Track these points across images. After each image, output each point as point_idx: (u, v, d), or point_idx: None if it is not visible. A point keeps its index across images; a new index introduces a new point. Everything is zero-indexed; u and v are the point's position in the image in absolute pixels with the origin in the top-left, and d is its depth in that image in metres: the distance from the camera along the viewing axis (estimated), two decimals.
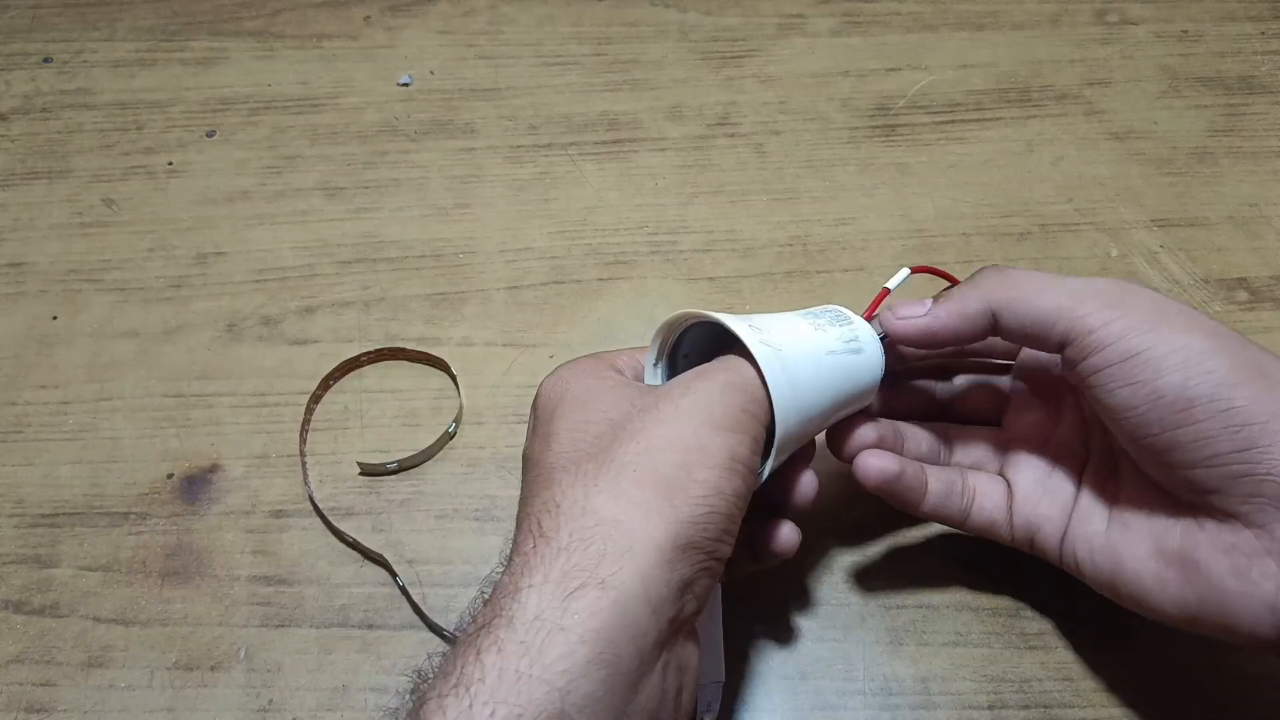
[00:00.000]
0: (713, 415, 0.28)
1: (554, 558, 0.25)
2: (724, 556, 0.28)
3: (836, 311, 0.35)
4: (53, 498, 0.43)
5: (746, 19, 0.62)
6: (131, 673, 0.38)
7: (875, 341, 0.35)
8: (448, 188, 0.54)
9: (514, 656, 0.23)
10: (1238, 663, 0.37)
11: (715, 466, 0.27)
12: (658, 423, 0.28)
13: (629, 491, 0.27)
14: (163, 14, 0.63)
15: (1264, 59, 0.58)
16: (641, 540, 0.26)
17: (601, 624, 0.24)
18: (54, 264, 0.51)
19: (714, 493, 0.27)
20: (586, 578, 0.25)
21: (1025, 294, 0.32)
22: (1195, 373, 0.28)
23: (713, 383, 0.30)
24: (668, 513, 0.26)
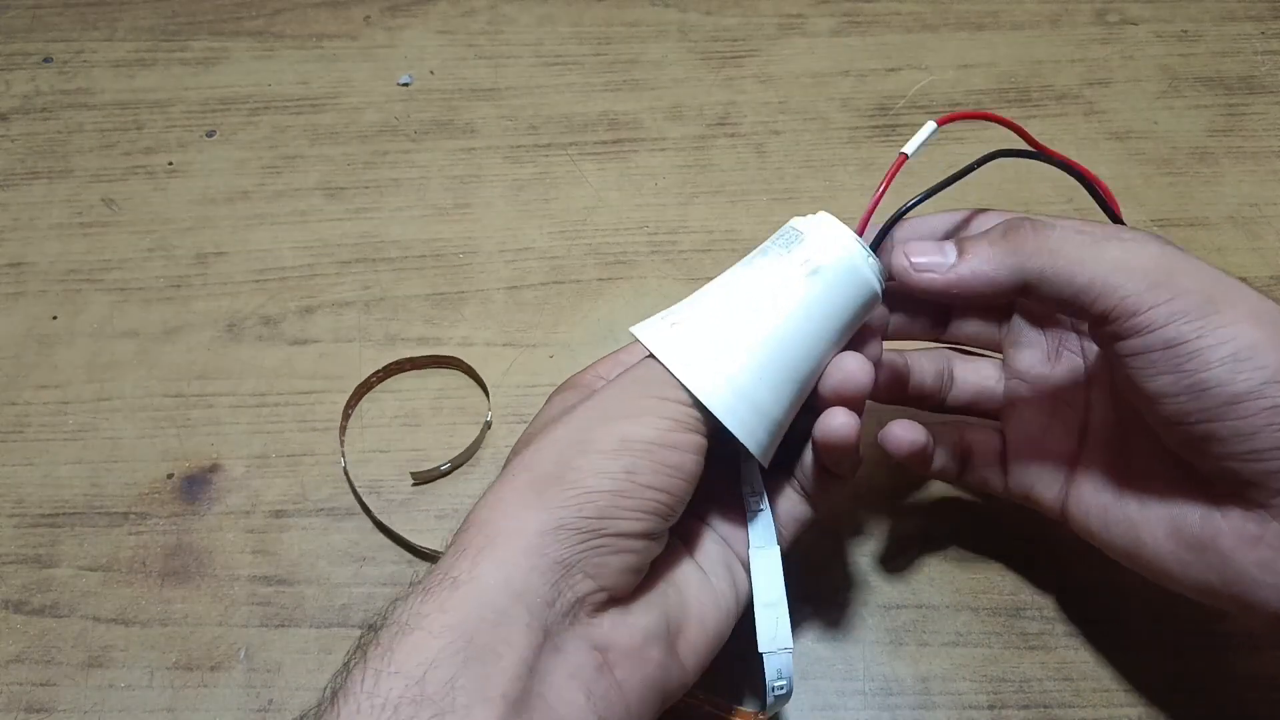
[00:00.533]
0: (608, 409, 0.29)
1: (430, 572, 0.27)
2: (625, 532, 0.28)
3: (789, 232, 0.31)
4: (53, 497, 0.43)
5: (746, 19, 0.62)
6: (131, 673, 0.38)
7: (845, 246, 0.30)
8: (448, 188, 0.54)
9: (375, 660, 0.25)
10: (1238, 663, 0.37)
11: (597, 452, 0.28)
12: (555, 426, 0.30)
13: (504, 496, 0.28)
14: (163, 14, 0.63)
15: (1264, 59, 0.58)
16: (503, 534, 0.27)
17: (453, 619, 0.25)
18: (54, 264, 0.51)
19: (591, 474, 0.28)
20: (441, 578, 0.27)
21: (1065, 263, 0.29)
22: (1244, 367, 0.27)
23: (624, 380, 0.31)
24: (534, 503, 0.27)
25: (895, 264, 0.31)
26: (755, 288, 0.30)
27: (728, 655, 0.32)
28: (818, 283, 0.30)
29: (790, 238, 0.30)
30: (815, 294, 0.30)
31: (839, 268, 0.30)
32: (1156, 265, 0.28)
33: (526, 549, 0.27)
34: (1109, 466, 0.34)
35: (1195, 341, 0.27)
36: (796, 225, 0.31)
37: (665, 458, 0.29)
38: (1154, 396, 0.29)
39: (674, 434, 0.29)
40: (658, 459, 0.28)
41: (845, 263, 0.30)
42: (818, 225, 0.31)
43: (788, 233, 0.31)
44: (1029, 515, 0.41)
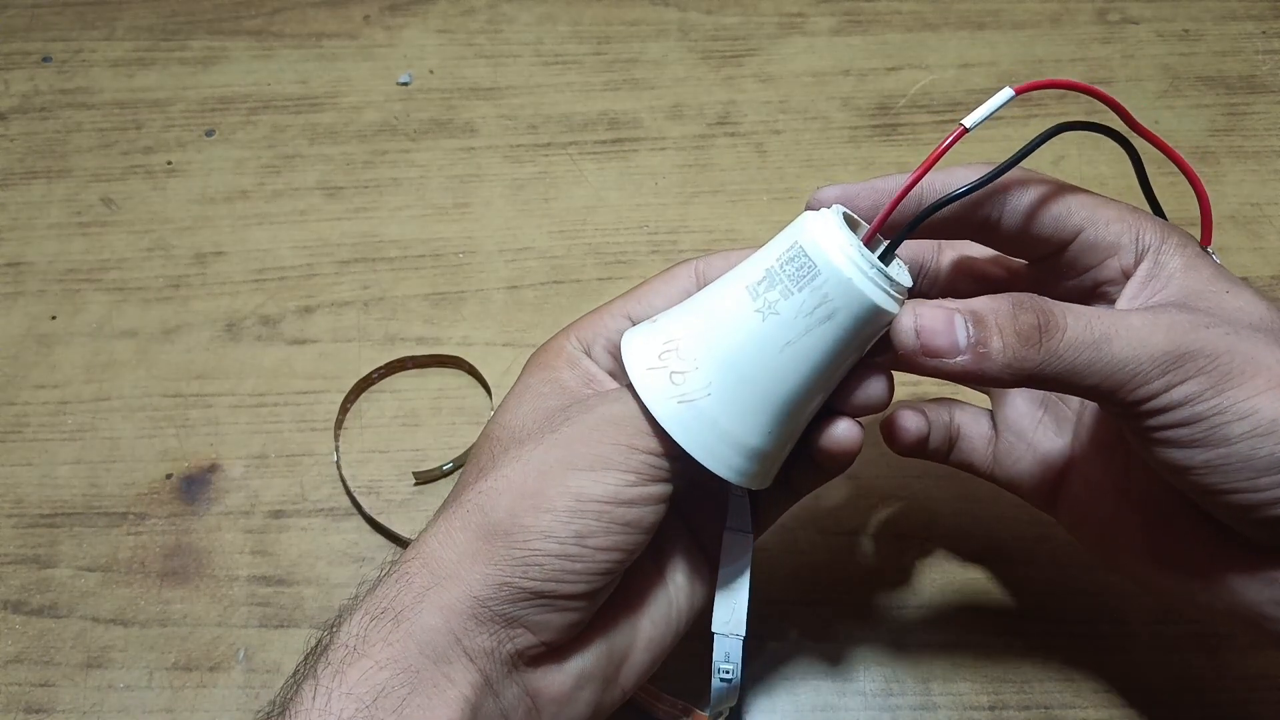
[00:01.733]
0: (569, 456, 0.28)
1: (378, 587, 0.28)
2: (575, 594, 0.27)
3: (800, 259, 0.27)
4: (51, 498, 0.43)
5: (747, 18, 0.61)
6: (130, 673, 0.38)
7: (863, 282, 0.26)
8: (447, 187, 0.54)
9: (327, 679, 0.26)
10: (1237, 663, 0.37)
11: (549, 511, 0.27)
12: (514, 462, 0.28)
13: (455, 533, 0.28)
14: (162, 13, 0.63)
15: (1265, 58, 0.58)
16: (450, 578, 0.27)
17: (396, 652, 0.26)
18: (53, 263, 0.51)
19: (540, 537, 0.27)
20: (386, 607, 0.27)
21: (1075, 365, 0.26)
22: (1265, 442, 0.26)
23: (589, 418, 0.28)
24: (483, 556, 0.27)
25: (902, 338, 0.27)
26: (762, 336, 0.27)
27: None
28: (831, 327, 0.27)
29: (801, 268, 0.27)
30: (828, 337, 0.27)
31: (856, 307, 0.27)
32: (1170, 343, 0.26)
33: (470, 600, 0.27)
34: (1104, 473, 0.33)
35: (1213, 419, 0.26)
36: (806, 247, 0.27)
37: (621, 516, 0.27)
38: (1173, 468, 0.27)
39: (635, 489, 0.28)
40: (613, 519, 0.27)
41: (863, 302, 0.27)
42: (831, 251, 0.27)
43: (798, 258, 0.27)
44: (1030, 515, 0.41)
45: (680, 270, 0.32)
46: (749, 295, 0.27)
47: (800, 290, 0.27)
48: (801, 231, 0.27)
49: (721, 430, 0.27)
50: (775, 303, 0.27)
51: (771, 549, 0.40)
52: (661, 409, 0.27)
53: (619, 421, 0.28)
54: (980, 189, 0.29)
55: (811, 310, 0.26)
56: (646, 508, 0.28)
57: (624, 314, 0.32)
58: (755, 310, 0.27)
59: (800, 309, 0.26)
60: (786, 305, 0.27)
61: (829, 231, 0.27)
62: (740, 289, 0.28)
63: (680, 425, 0.27)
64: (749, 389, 0.27)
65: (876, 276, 0.27)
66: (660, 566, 0.31)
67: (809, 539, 0.41)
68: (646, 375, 0.28)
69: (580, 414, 0.29)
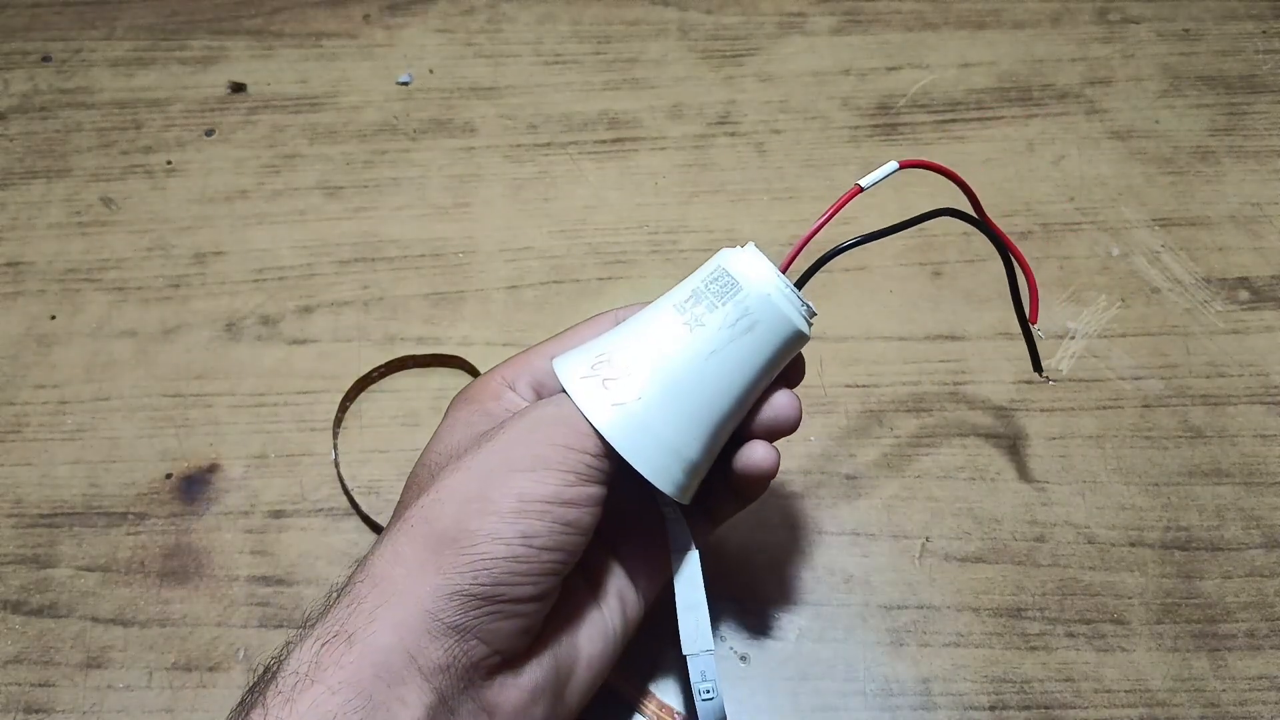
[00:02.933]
0: (509, 458, 0.28)
1: (328, 612, 0.28)
2: (521, 597, 0.28)
3: (722, 279, 0.30)
4: (51, 498, 0.43)
5: (747, 17, 0.61)
6: (130, 673, 0.38)
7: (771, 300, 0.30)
8: (447, 187, 0.54)
9: (277, 707, 0.25)
10: (1237, 663, 0.37)
11: (494, 514, 0.27)
12: (455, 472, 0.29)
13: (402, 549, 0.28)
14: (161, 13, 0.63)
15: (1265, 58, 0.58)
16: (401, 593, 0.27)
17: (349, 675, 0.26)
18: (52, 263, 0.51)
19: (487, 539, 0.27)
20: (338, 630, 0.27)
21: None
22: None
23: (524, 421, 0.29)
24: (431, 566, 0.27)
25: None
26: (690, 344, 0.29)
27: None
28: (752, 339, 0.30)
29: (725, 286, 0.30)
30: (749, 349, 0.30)
31: (774, 321, 0.30)
32: None
33: (421, 614, 0.27)
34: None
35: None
36: (729, 268, 0.30)
37: (563, 516, 0.28)
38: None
39: (574, 489, 0.28)
40: (556, 519, 0.28)
41: (780, 317, 0.30)
42: (751, 272, 0.30)
43: (721, 278, 0.30)
44: (1030, 515, 0.41)
45: (602, 318, 0.34)
46: (677, 311, 0.30)
47: (724, 304, 0.30)
48: (725, 258, 0.31)
49: (652, 433, 0.29)
50: (701, 315, 0.30)
51: (771, 550, 0.40)
52: (595, 413, 0.29)
53: (555, 423, 0.29)
54: (867, 242, 0.32)
55: (734, 322, 0.29)
56: (585, 509, 0.29)
57: (548, 356, 0.33)
58: (683, 323, 0.30)
59: (725, 320, 0.29)
60: (711, 317, 0.30)
61: (750, 255, 0.31)
62: (668, 307, 0.30)
63: (614, 427, 0.29)
64: (677, 396, 0.29)
65: (791, 296, 0.30)
66: (592, 586, 0.32)
67: (808, 539, 0.41)
68: (580, 383, 0.29)
69: (515, 421, 0.30)
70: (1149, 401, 0.44)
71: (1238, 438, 0.43)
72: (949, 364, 0.46)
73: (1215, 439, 0.43)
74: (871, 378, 0.45)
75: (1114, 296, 0.48)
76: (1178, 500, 0.41)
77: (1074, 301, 0.48)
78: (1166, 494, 0.42)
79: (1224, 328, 0.46)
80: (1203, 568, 0.40)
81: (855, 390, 0.45)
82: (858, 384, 0.45)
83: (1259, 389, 0.45)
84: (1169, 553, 0.40)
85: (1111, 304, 0.48)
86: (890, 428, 0.44)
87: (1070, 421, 0.44)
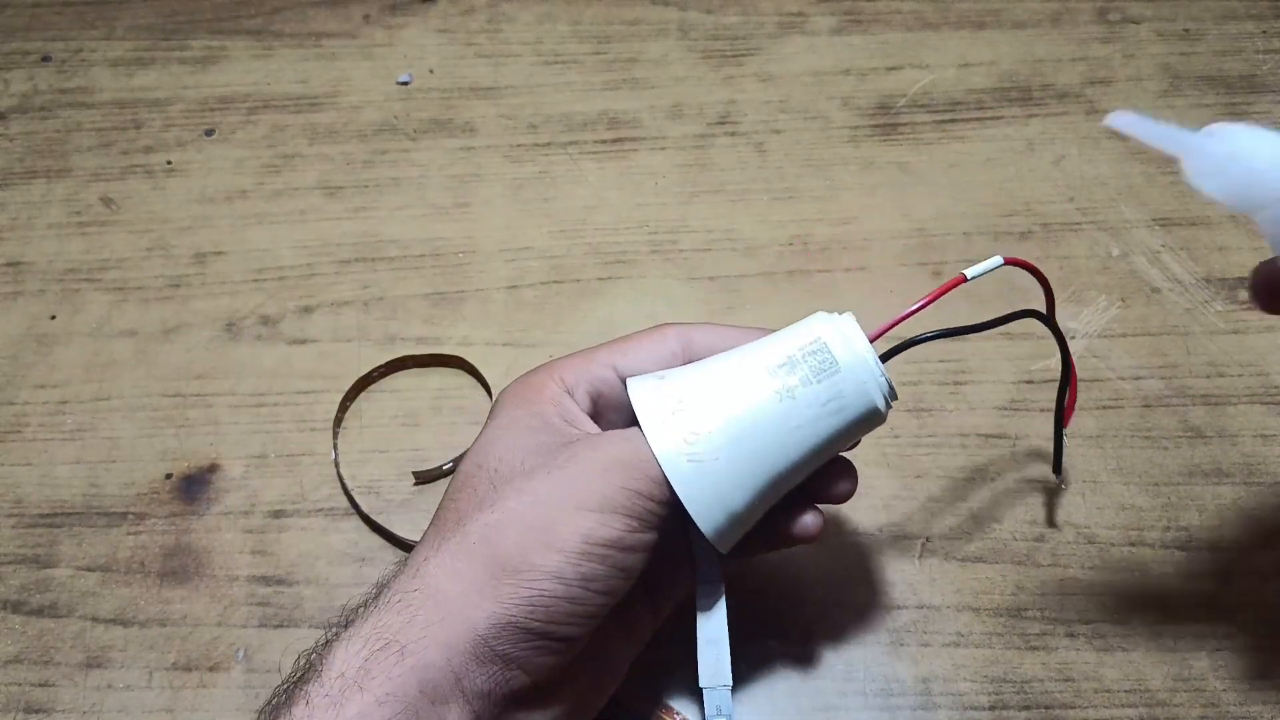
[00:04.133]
0: (579, 494, 0.28)
1: (373, 615, 0.27)
2: (570, 637, 0.28)
3: (822, 354, 0.30)
4: (51, 498, 0.43)
5: (747, 17, 0.61)
6: (130, 673, 0.38)
7: (866, 389, 0.30)
8: (447, 187, 0.54)
9: (323, 709, 0.25)
10: (1237, 662, 0.37)
11: (559, 551, 0.27)
12: (518, 494, 0.28)
13: (460, 566, 0.28)
14: (161, 13, 0.63)
15: (1266, 58, 0.58)
16: (456, 614, 0.27)
17: (396, 688, 0.26)
18: (52, 263, 0.51)
19: (549, 578, 0.27)
20: (390, 640, 0.27)
21: None
22: None
23: (597, 456, 0.29)
24: (489, 592, 0.27)
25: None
26: (777, 415, 0.29)
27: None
28: (837, 420, 0.30)
29: (823, 363, 0.30)
30: (831, 427, 0.30)
31: (863, 407, 0.30)
32: None
33: (473, 639, 0.27)
34: None
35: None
36: (830, 344, 0.30)
37: (620, 561, 0.28)
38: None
39: (635, 535, 0.28)
40: (614, 564, 0.28)
41: (871, 405, 0.30)
42: (852, 356, 0.30)
43: (821, 353, 0.30)
44: (1030, 515, 0.41)
45: (668, 332, 0.33)
46: (768, 376, 0.30)
47: (820, 382, 0.29)
48: (825, 330, 0.30)
49: (720, 492, 0.29)
50: (794, 388, 0.29)
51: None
52: (673, 465, 0.29)
53: (627, 465, 0.29)
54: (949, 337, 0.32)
55: (825, 402, 0.29)
56: (640, 555, 0.29)
57: (609, 364, 0.32)
58: (774, 391, 0.29)
59: (816, 399, 0.29)
60: (805, 393, 0.29)
61: (851, 332, 0.30)
62: (760, 369, 0.30)
63: (685, 482, 0.29)
64: (754, 461, 0.29)
65: (884, 385, 0.30)
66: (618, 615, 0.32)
67: None
68: (660, 429, 0.29)
69: (586, 452, 0.29)
70: (1149, 401, 0.44)
71: (1238, 438, 0.43)
72: (949, 364, 0.46)
73: (1215, 439, 0.43)
74: None
75: (1114, 296, 0.48)
76: (1178, 500, 0.41)
77: (1074, 301, 0.48)
78: (1166, 494, 0.42)
79: (1224, 327, 0.46)
80: (1203, 568, 0.40)
81: None
82: None
83: (1259, 389, 0.45)
84: (1169, 552, 0.40)
85: (1111, 304, 0.48)
86: (890, 427, 0.44)
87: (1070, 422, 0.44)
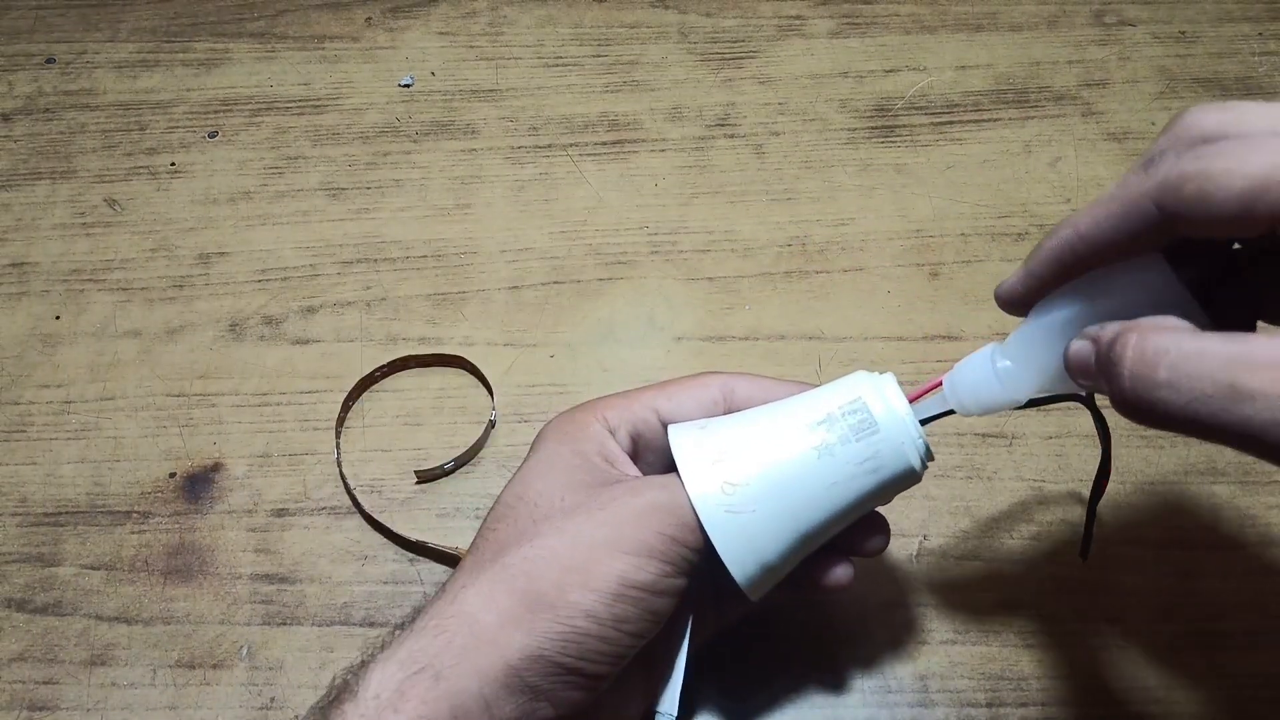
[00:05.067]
0: (616, 537, 0.29)
1: (410, 638, 0.28)
2: (598, 674, 0.29)
3: (861, 414, 0.30)
4: (55, 496, 0.43)
5: (746, 20, 0.62)
6: (134, 671, 0.39)
7: (904, 451, 0.30)
8: (449, 188, 0.54)
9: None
10: (1235, 662, 0.38)
11: (595, 591, 0.28)
12: (558, 533, 0.29)
13: (498, 596, 0.28)
14: (165, 15, 0.63)
15: (1261, 60, 0.58)
16: (490, 643, 0.27)
17: (429, 712, 0.26)
18: (57, 264, 0.52)
19: (584, 616, 0.28)
20: (426, 664, 0.27)
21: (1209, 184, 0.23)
22: None
23: (636, 500, 0.30)
24: (525, 625, 0.28)
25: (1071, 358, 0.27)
26: (814, 472, 0.30)
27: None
28: (874, 479, 0.30)
29: (863, 423, 0.30)
30: (868, 486, 0.30)
31: (899, 468, 0.30)
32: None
33: (505, 668, 0.27)
34: None
35: None
36: (870, 406, 0.30)
37: (653, 604, 0.29)
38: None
39: (668, 580, 0.29)
40: (646, 607, 0.29)
41: (908, 466, 0.30)
42: (892, 419, 0.30)
43: (861, 412, 0.30)
44: (1027, 514, 0.42)
45: (711, 381, 0.34)
46: (808, 432, 0.30)
47: (859, 441, 0.30)
48: (866, 389, 0.30)
49: (755, 544, 0.30)
50: (832, 446, 0.30)
51: None
52: (710, 515, 0.29)
53: (665, 511, 0.29)
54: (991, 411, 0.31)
55: (862, 461, 0.30)
56: (671, 599, 0.30)
57: (651, 407, 0.33)
58: (812, 447, 0.30)
59: (854, 457, 0.30)
60: (843, 451, 0.30)
61: (893, 394, 0.30)
62: (800, 425, 0.30)
63: (722, 533, 0.29)
64: (789, 515, 0.30)
65: (921, 447, 0.30)
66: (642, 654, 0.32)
67: None
68: (699, 479, 0.30)
69: (627, 496, 0.30)
70: None
71: None
72: (947, 364, 0.45)
73: None
74: None
75: None
76: (1174, 499, 0.42)
77: None
78: (1163, 493, 0.42)
79: None
80: (1200, 567, 0.40)
81: None
82: None
83: None
84: (1166, 552, 0.40)
85: None
86: None
87: (1067, 420, 0.44)
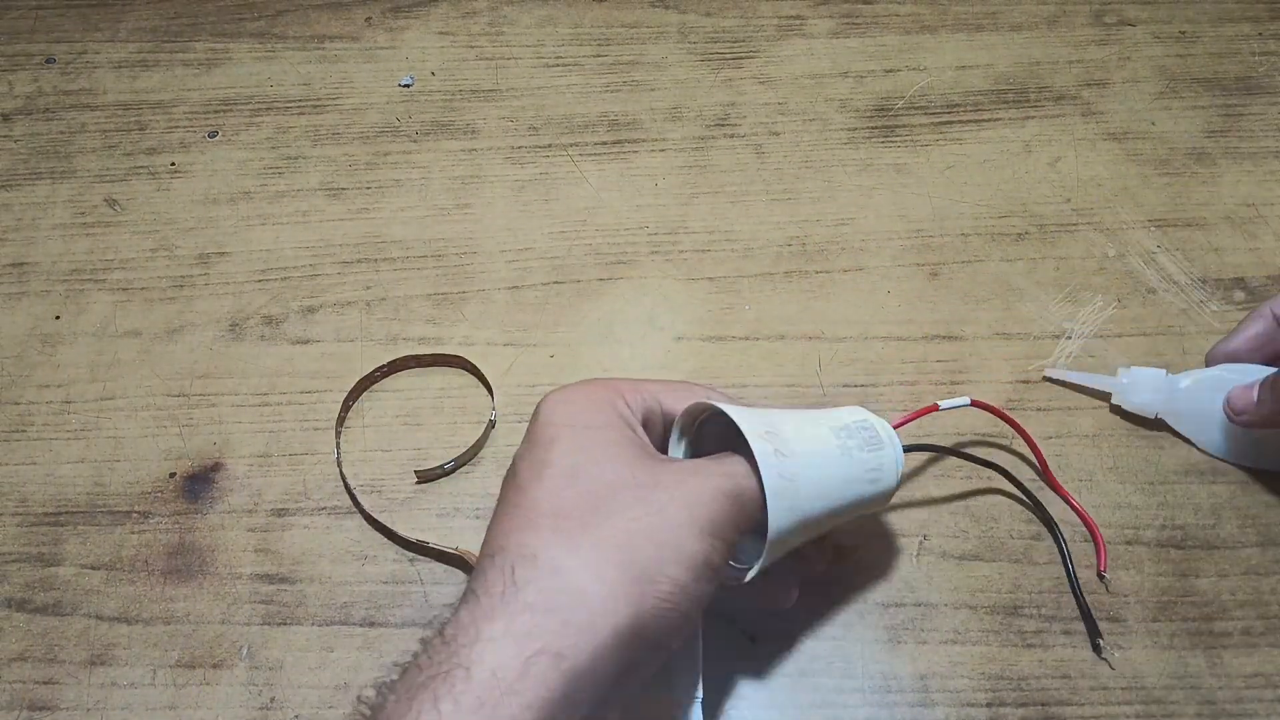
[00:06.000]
0: (699, 518, 0.30)
1: (518, 612, 0.27)
2: (672, 648, 0.30)
3: (871, 431, 0.35)
4: (56, 496, 0.43)
5: (746, 20, 0.62)
6: (134, 671, 0.39)
7: (895, 469, 0.36)
8: (449, 188, 0.54)
9: (469, 711, 0.25)
10: (1235, 662, 0.38)
11: (690, 568, 0.29)
12: (646, 506, 0.29)
13: (604, 569, 0.28)
14: (165, 15, 0.63)
15: (1261, 60, 0.58)
16: (604, 619, 0.27)
17: (550, 694, 0.26)
18: (57, 264, 0.52)
19: (680, 591, 0.29)
20: (545, 644, 0.26)
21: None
22: None
23: (710, 484, 0.31)
24: (634, 599, 0.28)
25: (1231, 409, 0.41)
26: (839, 465, 0.34)
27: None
28: (869, 488, 0.35)
29: (873, 439, 0.35)
30: (863, 492, 0.35)
31: (888, 484, 0.36)
32: None
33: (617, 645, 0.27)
34: None
35: None
36: (878, 429, 0.36)
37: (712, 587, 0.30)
38: None
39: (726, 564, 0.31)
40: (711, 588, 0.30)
41: (892, 484, 0.36)
42: (890, 439, 0.36)
43: (869, 430, 0.35)
44: (1027, 514, 0.42)
45: (698, 390, 0.36)
46: (833, 434, 0.34)
47: (870, 452, 0.35)
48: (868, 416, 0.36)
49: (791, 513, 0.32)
50: (853, 450, 0.34)
51: None
52: (770, 480, 0.31)
53: (732, 499, 0.31)
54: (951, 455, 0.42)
55: (869, 470, 0.35)
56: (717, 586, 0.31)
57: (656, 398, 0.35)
58: (838, 446, 0.34)
59: (867, 464, 0.35)
60: (859, 456, 0.34)
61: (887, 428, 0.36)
62: (826, 427, 0.35)
63: (776, 497, 0.31)
64: (815, 496, 0.33)
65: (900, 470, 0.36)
66: None
67: None
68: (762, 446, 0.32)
69: (694, 479, 0.31)
70: None
71: None
72: (946, 364, 0.46)
73: None
74: (869, 377, 0.46)
75: (1110, 297, 0.48)
76: (1173, 499, 0.42)
77: (1070, 302, 0.48)
78: (1162, 492, 0.42)
79: (1219, 328, 0.47)
80: (1199, 566, 0.40)
81: (853, 390, 0.45)
82: (855, 384, 0.46)
83: None
84: (1165, 551, 0.40)
85: (1108, 304, 0.48)
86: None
87: (1066, 420, 0.44)
